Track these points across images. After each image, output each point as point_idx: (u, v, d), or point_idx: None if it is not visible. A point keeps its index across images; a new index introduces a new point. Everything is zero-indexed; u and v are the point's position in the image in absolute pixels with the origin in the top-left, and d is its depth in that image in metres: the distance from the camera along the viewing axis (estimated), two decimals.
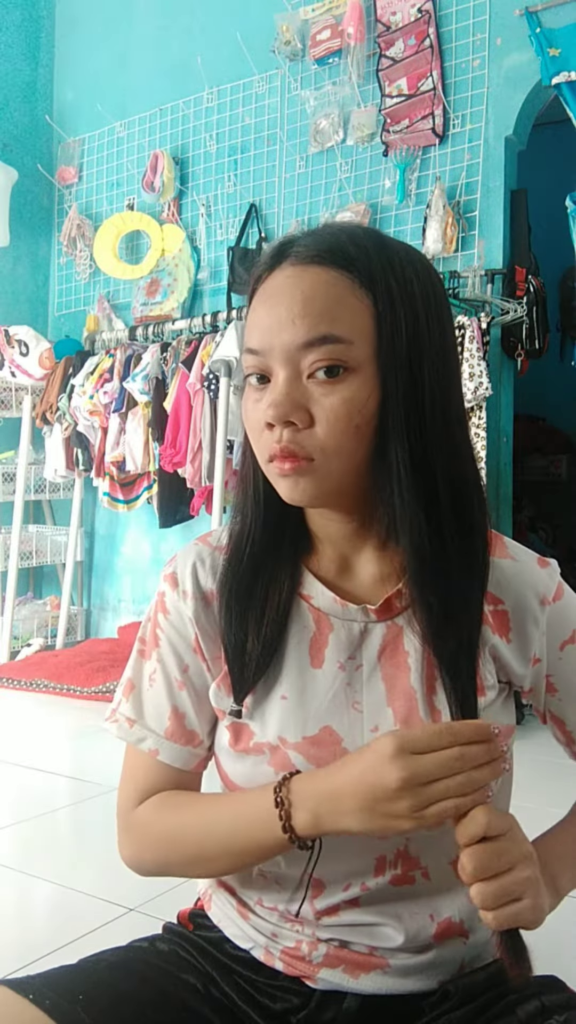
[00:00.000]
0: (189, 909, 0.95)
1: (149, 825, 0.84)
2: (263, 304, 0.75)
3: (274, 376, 0.74)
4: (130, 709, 0.86)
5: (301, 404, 0.73)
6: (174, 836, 0.83)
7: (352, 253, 0.74)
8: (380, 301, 0.73)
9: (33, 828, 2.17)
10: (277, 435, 0.73)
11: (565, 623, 0.83)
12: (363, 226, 0.81)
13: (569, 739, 0.86)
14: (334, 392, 0.73)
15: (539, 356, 3.32)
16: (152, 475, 3.82)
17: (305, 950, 0.82)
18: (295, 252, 0.75)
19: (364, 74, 3.52)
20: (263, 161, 3.87)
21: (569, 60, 3.09)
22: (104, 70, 4.47)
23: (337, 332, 0.72)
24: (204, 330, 3.74)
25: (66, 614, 4.30)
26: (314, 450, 0.73)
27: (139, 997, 0.78)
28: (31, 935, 1.63)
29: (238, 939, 0.86)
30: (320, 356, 0.72)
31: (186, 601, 0.85)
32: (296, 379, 0.73)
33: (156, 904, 1.72)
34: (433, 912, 0.81)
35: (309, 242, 0.75)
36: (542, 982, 0.80)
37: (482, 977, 0.83)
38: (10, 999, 0.74)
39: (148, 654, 0.87)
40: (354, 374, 0.73)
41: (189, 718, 0.85)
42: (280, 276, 0.75)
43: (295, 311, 0.72)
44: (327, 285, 0.73)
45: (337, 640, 0.81)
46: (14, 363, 4.10)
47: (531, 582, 0.82)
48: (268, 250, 0.79)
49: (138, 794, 0.86)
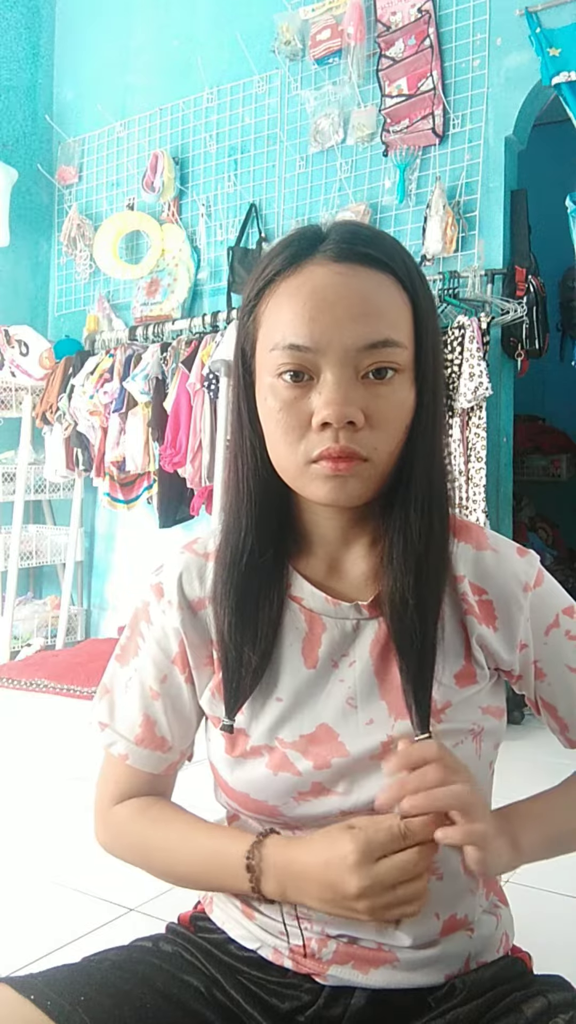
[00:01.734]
0: (189, 912, 0.94)
1: (124, 832, 0.88)
2: (304, 299, 0.72)
3: (325, 374, 0.73)
4: (103, 713, 0.88)
5: (358, 404, 0.73)
6: (147, 850, 0.87)
7: (392, 254, 0.75)
8: (419, 305, 0.75)
9: (33, 828, 2.17)
10: (333, 435, 0.72)
11: (547, 608, 0.84)
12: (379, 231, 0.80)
13: (563, 725, 0.86)
14: (386, 393, 0.73)
15: (539, 356, 3.32)
16: (152, 475, 3.82)
17: (315, 947, 0.82)
18: (333, 248, 0.73)
19: (364, 74, 3.52)
20: (263, 161, 3.87)
21: (569, 60, 3.09)
22: (104, 70, 4.47)
23: (395, 336, 0.73)
24: (204, 330, 3.73)
25: (66, 614, 4.30)
26: (370, 450, 0.74)
27: (141, 999, 0.78)
28: (31, 935, 1.63)
29: (244, 940, 0.86)
30: (378, 359, 0.72)
31: (172, 611, 0.85)
32: (352, 379, 0.73)
33: (157, 904, 1.72)
34: (439, 911, 0.82)
35: (347, 238, 0.74)
36: (548, 981, 0.80)
37: (488, 974, 0.84)
38: (12, 999, 0.74)
39: (126, 660, 0.88)
40: (400, 375, 0.74)
41: (160, 726, 0.86)
42: (322, 272, 0.73)
43: (355, 311, 0.71)
44: (381, 286, 0.73)
45: (330, 639, 0.82)
46: (14, 363, 4.10)
47: (512, 571, 0.83)
48: (289, 242, 0.76)
49: (114, 794, 0.89)
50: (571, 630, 0.84)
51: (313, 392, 0.73)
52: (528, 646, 0.83)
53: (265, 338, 0.75)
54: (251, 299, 0.77)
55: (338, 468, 0.73)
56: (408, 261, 0.76)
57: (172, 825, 0.85)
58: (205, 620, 0.84)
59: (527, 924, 1.02)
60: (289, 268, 0.74)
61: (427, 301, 0.76)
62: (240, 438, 0.80)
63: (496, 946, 0.87)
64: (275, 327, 0.74)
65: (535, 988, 0.80)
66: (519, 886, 1.75)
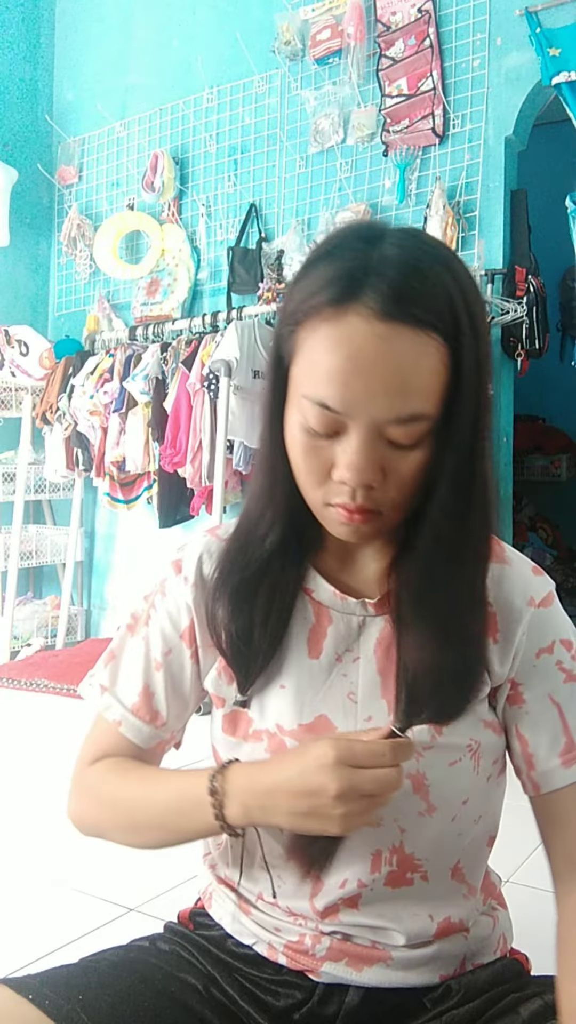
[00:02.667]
0: (189, 909, 0.95)
1: (94, 786, 0.88)
2: (342, 360, 0.69)
3: (350, 434, 0.71)
4: (105, 677, 0.89)
5: (379, 466, 0.72)
6: (114, 801, 0.86)
7: (441, 309, 0.70)
8: (463, 363, 0.71)
9: (33, 828, 2.17)
10: (350, 494, 0.73)
11: (546, 631, 0.82)
12: (435, 246, 0.74)
13: (529, 763, 0.82)
14: (410, 455, 0.72)
15: (539, 356, 3.32)
16: (152, 475, 3.82)
17: (308, 944, 0.82)
18: (380, 301, 0.68)
19: (364, 74, 3.51)
20: (263, 161, 3.87)
21: (569, 60, 3.09)
22: (104, 70, 4.47)
23: (426, 410, 0.71)
24: (204, 330, 3.73)
25: (66, 614, 4.30)
26: (384, 505, 0.74)
27: (139, 998, 0.78)
28: (31, 935, 1.63)
29: (240, 935, 0.87)
30: (408, 431, 0.71)
31: (186, 587, 0.86)
32: (376, 441, 0.71)
33: (156, 904, 1.72)
34: (432, 912, 0.82)
35: (396, 290, 0.69)
36: (545, 982, 0.80)
37: (484, 975, 0.84)
38: (10, 999, 0.74)
39: (136, 630, 0.89)
40: (429, 436, 0.72)
41: (157, 698, 0.87)
42: (364, 331, 0.69)
43: (390, 385, 0.69)
44: (422, 355, 0.69)
45: (336, 632, 0.82)
46: (14, 363, 4.10)
47: (521, 584, 0.82)
48: (338, 273, 0.70)
49: (95, 756, 0.89)
50: (563, 662, 0.82)
51: (337, 444, 0.73)
52: (516, 658, 0.82)
53: (300, 370, 0.73)
54: (294, 316, 0.73)
55: (353, 519, 0.74)
56: (459, 308, 0.70)
57: (143, 772, 0.86)
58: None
59: (527, 924, 1.02)
60: (333, 309, 0.70)
61: (471, 354, 0.71)
62: (272, 438, 0.79)
63: (493, 948, 0.88)
64: (310, 371, 0.72)
65: (532, 989, 0.81)
66: (519, 886, 1.74)
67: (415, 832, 0.80)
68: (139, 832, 0.85)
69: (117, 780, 0.86)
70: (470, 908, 0.85)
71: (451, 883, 0.83)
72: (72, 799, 0.90)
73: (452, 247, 3.24)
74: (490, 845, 0.89)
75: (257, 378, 3.46)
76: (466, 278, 0.73)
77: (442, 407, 0.71)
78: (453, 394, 0.71)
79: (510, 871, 1.81)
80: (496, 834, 0.89)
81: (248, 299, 3.74)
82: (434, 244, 0.74)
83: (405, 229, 0.75)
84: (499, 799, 0.88)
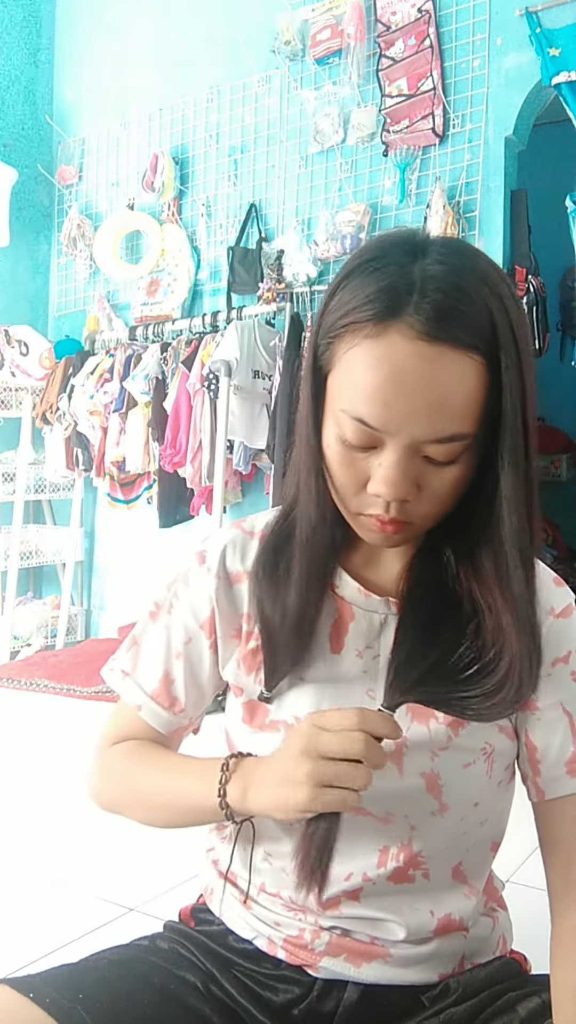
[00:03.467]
0: (191, 905, 0.96)
1: (115, 765, 0.90)
2: (383, 378, 0.69)
3: (387, 450, 0.71)
4: (127, 662, 0.91)
5: (415, 481, 0.73)
6: (131, 782, 0.88)
7: (483, 325, 0.69)
8: (506, 382, 0.71)
9: (33, 828, 2.17)
10: (384, 506, 0.73)
11: (564, 640, 0.82)
12: (478, 263, 0.72)
13: (535, 769, 0.82)
14: (446, 471, 0.73)
15: (539, 356, 3.32)
16: (152, 475, 3.83)
17: (308, 938, 0.83)
18: (423, 319, 0.68)
19: (364, 74, 3.52)
20: (263, 161, 3.87)
21: (569, 60, 3.09)
22: (104, 70, 4.47)
23: (467, 429, 0.70)
24: (204, 330, 3.74)
25: (66, 614, 4.30)
26: (417, 516, 0.75)
27: (139, 996, 0.79)
28: (31, 935, 1.63)
29: (241, 930, 0.87)
30: (446, 449, 0.71)
31: (209, 578, 0.87)
32: (413, 458, 0.72)
33: (156, 904, 1.72)
34: (433, 908, 0.83)
35: (439, 308, 0.68)
36: (543, 981, 0.80)
37: (483, 974, 0.84)
38: (10, 998, 0.74)
39: (157, 618, 0.91)
40: (467, 452, 0.72)
41: (176, 686, 0.89)
42: (406, 350, 0.68)
43: (432, 406, 0.69)
44: (464, 376, 0.69)
45: (358, 629, 0.83)
46: (14, 363, 4.10)
47: (543, 594, 0.82)
48: (380, 288, 0.70)
49: (115, 737, 0.92)
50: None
51: (373, 457, 0.73)
52: None
53: (339, 383, 0.73)
54: (334, 328, 0.73)
55: (385, 530, 0.75)
56: (501, 327, 0.70)
57: (162, 755, 0.88)
58: (240, 594, 0.87)
59: (526, 924, 1.02)
60: (374, 325, 0.69)
61: (513, 374, 0.71)
62: (309, 444, 0.79)
63: (493, 948, 0.88)
64: (349, 386, 0.72)
65: (530, 987, 0.81)
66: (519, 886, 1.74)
67: (425, 831, 0.81)
68: (154, 811, 0.88)
69: (136, 762, 0.88)
70: (471, 908, 0.85)
71: (451, 883, 0.84)
72: (93, 777, 0.93)
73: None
74: (494, 851, 0.89)
75: (257, 378, 3.46)
76: (508, 295, 0.72)
77: (481, 425, 0.71)
78: (495, 413, 0.71)
79: (510, 871, 1.81)
80: (501, 841, 0.90)
81: (248, 299, 3.74)
82: (477, 260, 0.73)
83: (448, 242, 0.74)
84: (507, 805, 0.88)
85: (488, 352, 0.70)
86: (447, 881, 0.84)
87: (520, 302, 0.75)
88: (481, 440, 0.72)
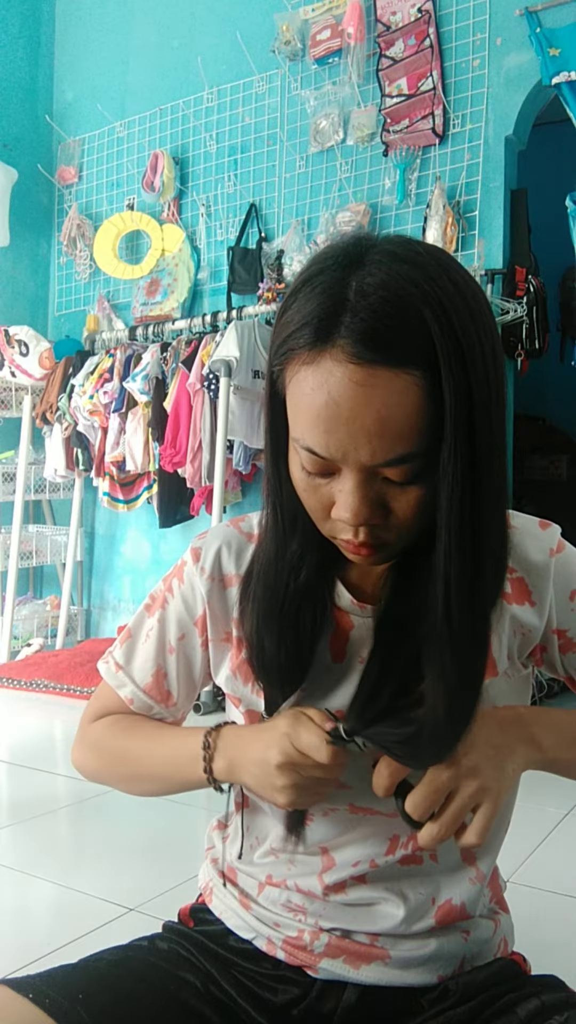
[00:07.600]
0: (190, 905, 0.96)
1: (99, 738, 0.92)
2: (320, 407, 0.67)
3: (344, 477, 0.70)
4: (121, 655, 0.92)
5: (377, 503, 0.70)
6: (115, 752, 0.91)
7: (418, 338, 0.65)
8: (448, 394, 0.66)
9: (33, 828, 2.17)
10: (352, 531, 0.71)
11: (572, 573, 0.84)
12: (421, 264, 0.67)
13: None
14: (409, 490, 0.70)
15: (539, 356, 3.32)
16: (152, 475, 3.82)
17: (307, 939, 0.83)
18: (352, 342, 0.65)
19: (364, 74, 3.52)
20: (263, 161, 3.87)
21: (569, 60, 3.09)
22: (104, 70, 4.47)
23: (415, 449, 0.67)
24: (204, 330, 3.74)
25: (66, 614, 4.30)
26: (390, 536, 0.73)
27: (139, 996, 0.79)
28: (31, 935, 1.63)
29: (240, 930, 0.87)
30: (399, 471, 0.69)
31: (202, 578, 0.87)
32: (370, 481, 0.69)
33: (156, 904, 1.72)
34: (435, 894, 0.83)
35: (369, 327, 0.65)
36: (542, 982, 0.80)
37: (482, 976, 0.84)
38: (10, 998, 0.74)
39: (152, 611, 0.92)
40: (424, 470, 0.69)
41: (169, 680, 0.90)
42: (339, 375, 0.66)
43: (370, 431, 0.66)
44: (401, 396, 0.65)
45: (358, 636, 0.83)
46: (14, 363, 4.10)
47: (535, 542, 0.83)
48: (312, 315, 0.67)
49: (99, 713, 0.94)
50: None
51: (335, 483, 0.71)
52: (552, 613, 0.83)
53: (291, 409, 0.71)
54: (279, 353, 0.71)
55: (359, 552, 0.74)
56: (442, 336, 0.65)
57: (145, 726, 0.90)
58: (232, 597, 0.87)
59: (526, 924, 1.02)
60: (309, 351, 0.67)
61: (459, 381, 0.66)
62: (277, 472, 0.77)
63: (493, 951, 0.88)
64: (296, 415, 0.70)
65: (529, 989, 0.81)
66: (519, 886, 1.74)
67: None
68: (137, 781, 0.91)
69: (120, 733, 0.90)
70: (474, 895, 0.85)
71: (460, 863, 0.84)
72: (76, 748, 0.95)
73: (452, 247, 3.27)
74: (505, 827, 0.90)
75: (257, 378, 3.46)
76: (452, 294, 0.67)
77: (435, 440, 0.67)
78: (441, 425, 0.67)
79: (510, 871, 1.81)
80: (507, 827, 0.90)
81: (248, 299, 3.74)
82: (418, 261, 0.67)
83: (389, 246, 0.69)
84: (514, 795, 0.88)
85: (428, 365, 0.65)
86: (456, 862, 0.84)
87: (476, 298, 0.69)
88: (435, 457, 0.69)
